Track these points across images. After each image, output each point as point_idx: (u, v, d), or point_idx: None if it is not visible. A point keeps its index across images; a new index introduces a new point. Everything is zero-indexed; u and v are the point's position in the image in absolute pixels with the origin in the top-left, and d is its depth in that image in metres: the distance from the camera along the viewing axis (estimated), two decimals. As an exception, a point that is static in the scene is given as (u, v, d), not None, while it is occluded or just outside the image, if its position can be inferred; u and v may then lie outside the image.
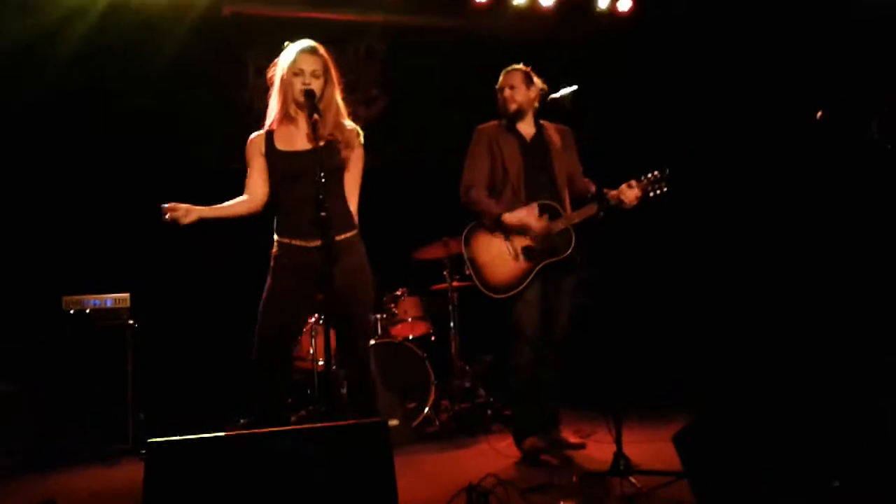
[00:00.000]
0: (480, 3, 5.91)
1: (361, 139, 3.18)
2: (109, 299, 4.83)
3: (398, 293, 5.05)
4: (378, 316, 4.97)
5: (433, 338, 5.11)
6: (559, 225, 3.71)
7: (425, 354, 4.75)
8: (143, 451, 2.09)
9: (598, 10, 6.07)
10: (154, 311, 5.01)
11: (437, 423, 4.71)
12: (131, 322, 4.81)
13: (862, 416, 1.99)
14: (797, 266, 5.02)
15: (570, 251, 3.70)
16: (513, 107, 3.86)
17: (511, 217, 3.69)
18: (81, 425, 4.58)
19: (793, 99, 4.86)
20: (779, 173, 5.19)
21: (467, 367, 5.09)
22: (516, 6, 5.95)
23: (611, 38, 6.04)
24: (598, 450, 3.68)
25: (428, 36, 6.14)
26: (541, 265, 3.70)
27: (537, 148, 3.87)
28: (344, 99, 3.18)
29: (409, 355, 4.72)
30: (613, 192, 3.72)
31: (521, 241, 3.72)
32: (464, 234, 3.87)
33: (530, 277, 3.69)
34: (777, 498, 2.09)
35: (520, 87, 3.86)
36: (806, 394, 2.16)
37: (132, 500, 2.93)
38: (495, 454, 3.91)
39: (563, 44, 5.80)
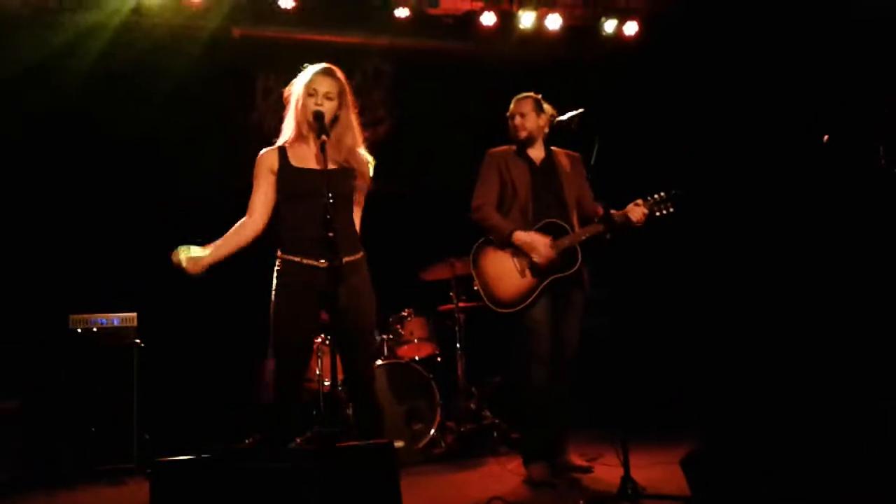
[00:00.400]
0: (487, 27, 5.95)
1: (372, 170, 3.20)
2: (116, 318, 4.84)
3: (404, 314, 5.05)
4: (384, 337, 4.96)
5: (439, 359, 5.10)
6: (565, 242, 3.75)
7: (431, 375, 4.73)
8: (149, 471, 2.08)
9: (604, 34, 6.12)
10: (161, 332, 5.02)
11: (443, 444, 4.68)
12: (138, 341, 4.82)
13: (867, 443, 1.98)
14: (804, 290, 5.01)
15: (576, 267, 3.73)
16: (523, 134, 3.93)
17: (522, 236, 3.75)
18: (86, 444, 4.58)
19: (798, 123, 4.87)
20: (785, 196, 5.19)
21: (473, 389, 5.08)
22: (523, 30, 6.00)
23: (617, 62, 6.08)
24: (605, 473, 3.66)
25: (434, 59, 6.19)
26: (547, 280, 3.73)
27: (546, 171, 3.94)
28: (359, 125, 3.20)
29: (415, 376, 4.71)
30: (620, 212, 3.79)
31: (527, 259, 3.77)
32: (472, 249, 3.93)
33: (536, 293, 3.73)
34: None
35: (530, 114, 3.93)
36: (813, 418, 2.15)
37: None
38: (501, 476, 3.88)
39: (570, 67, 5.84)
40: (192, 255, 3.00)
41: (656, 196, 3.80)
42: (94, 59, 5.27)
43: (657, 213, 3.78)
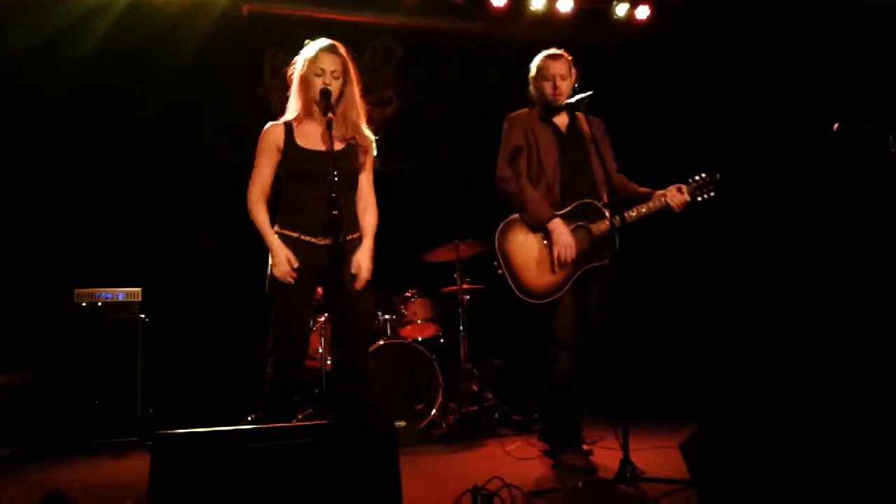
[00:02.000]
0: (498, 8, 5.92)
1: (374, 148, 3.20)
2: (121, 293, 4.86)
3: (408, 295, 5.05)
4: (387, 317, 4.97)
5: (442, 340, 5.11)
6: (602, 227, 3.48)
7: (434, 356, 4.74)
8: (150, 443, 2.10)
9: (615, 17, 6.07)
10: (165, 306, 5.05)
11: (444, 425, 4.70)
12: (142, 316, 4.84)
13: (868, 423, 1.98)
14: (807, 274, 4.99)
15: (612, 257, 3.45)
16: (561, 99, 3.57)
17: (557, 229, 3.45)
18: (90, 417, 4.62)
19: (808, 111, 4.83)
20: (794, 184, 5.16)
21: (475, 370, 5.09)
22: (534, 11, 5.96)
23: (628, 46, 6.03)
24: (604, 456, 3.67)
25: (445, 39, 6.16)
26: (581, 271, 3.50)
27: (573, 140, 3.62)
28: (362, 100, 3.19)
29: (417, 357, 4.72)
30: (660, 193, 3.56)
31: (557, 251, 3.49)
32: (498, 228, 3.58)
33: (569, 285, 3.48)
34: (784, 508, 2.07)
35: (568, 77, 3.61)
36: (814, 402, 2.15)
37: (138, 490, 2.95)
38: (502, 457, 3.90)
39: (580, 50, 5.79)
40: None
41: (699, 179, 3.54)
42: (101, 37, 5.25)
43: (699, 198, 3.53)
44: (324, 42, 3.09)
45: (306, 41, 3.14)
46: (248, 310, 4.98)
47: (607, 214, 3.48)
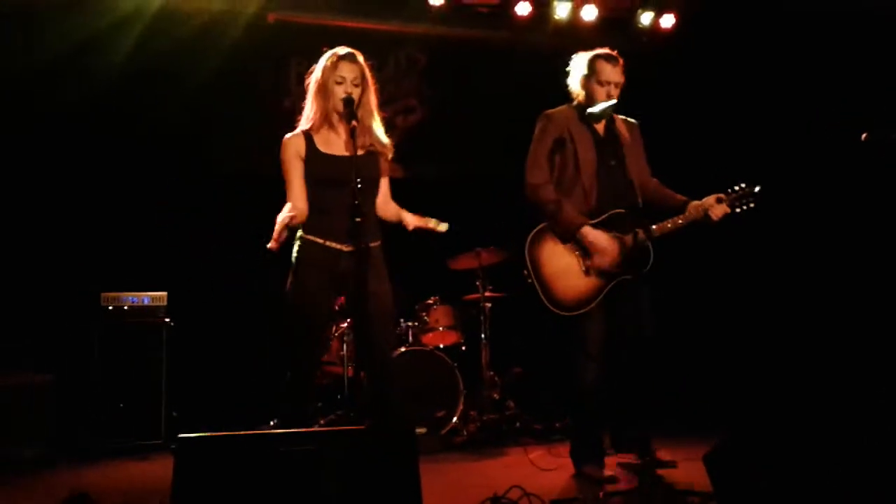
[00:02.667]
0: (522, 17, 5.92)
1: (391, 154, 3.23)
2: (147, 297, 4.92)
3: (430, 302, 5.06)
4: (409, 324, 4.98)
5: (464, 347, 5.11)
6: (639, 238, 3.33)
7: (455, 364, 4.74)
8: (174, 446, 2.12)
9: (640, 26, 6.05)
10: (190, 310, 5.10)
11: (465, 432, 4.69)
12: (167, 320, 4.90)
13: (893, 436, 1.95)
14: (832, 286, 4.93)
15: (647, 269, 3.36)
16: (603, 101, 3.45)
17: (592, 235, 3.36)
18: (115, 420, 4.67)
19: (837, 117, 4.78)
20: (822, 193, 5.10)
21: (497, 379, 5.08)
22: (558, 20, 5.94)
23: (653, 54, 6.01)
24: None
25: (468, 48, 6.18)
26: (614, 282, 3.40)
27: (610, 144, 3.48)
28: (380, 107, 3.22)
29: (439, 364, 4.72)
30: (696, 203, 3.47)
31: (591, 258, 3.42)
32: (528, 238, 3.49)
33: (601, 296, 3.38)
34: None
35: (622, 83, 3.50)
36: (838, 415, 2.12)
37: (161, 493, 2.97)
38: (523, 466, 3.89)
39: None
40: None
41: (738, 189, 3.44)
42: (130, 45, 5.33)
43: (737, 210, 3.44)
44: (342, 50, 3.11)
45: (324, 48, 3.16)
46: (271, 315, 5.04)
47: (642, 226, 3.34)
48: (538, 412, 4.95)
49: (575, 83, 3.56)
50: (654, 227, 3.41)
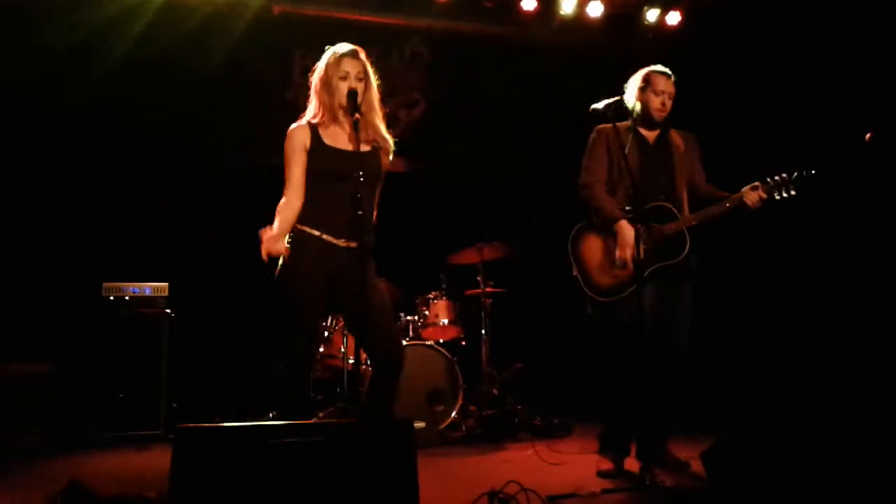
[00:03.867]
0: (527, 12, 5.91)
1: (392, 151, 3.22)
2: (148, 288, 4.93)
3: (431, 296, 5.06)
4: (410, 318, 4.98)
5: (464, 342, 5.11)
6: (672, 227, 3.54)
7: (455, 358, 4.75)
8: (171, 436, 2.13)
9: (646, 22, 6.03)
10: (191, 302, 5.10)
11: (464, 427, 4.70)
12: (168, 311, 4.90)
13: (889, 436, 1.95)
14: (832, 286, 4.92)
15: (682, 256, 3.51)
16: (662, 115, 3.71)
17: (623, 230, 3.53)
18: (115, 410, 4.68)
19: (842, 115, 4.77)
20: (826, 193, 5.08)
21: (496, 374, 5.08)
22: (563, 16, 5.93)
23: (658, 51, 5.98)
24: (624, 463, 3.64)
25: (473, 42, 6.17)
26: (648, 271, 3.52)
27: (659, 150, 3.72)
28: (384, 100, 3.21)
29: (438, 359, 4.72)
30: (735, 196, 3.59)
31: (617, 249, 3.58)
32: (572, 233, 3.76)
33: (633, 286, 3.44)
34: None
35: (673, 95, 3.74)
36: (833, 414, 2.12)
37: (160, 483, 2.98)
38: (521, 461, 3.89)
39: (609, 55, 5.77)
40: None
41: (777, 178, 3.54)
42: (133, 39, 5.33)
43: (777, 197, 3.52)
44: (345, 47, 3.12)
45: (331, 44, 3.16)
46: (272, 307, 5.05)
47: (679, 217, 3.57)
48: (537, 408, 4.96)
49: (631, 97, 3.77)
50: (692, 214, 3.60)
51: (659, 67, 3.78)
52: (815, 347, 4.77)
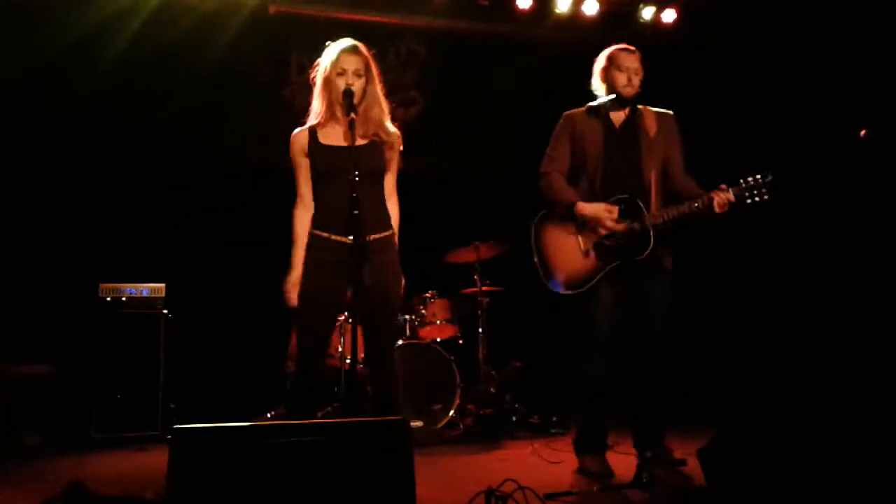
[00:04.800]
0: (523, 10, 5.91)
1: (401, 143, 3.22)
2: (145, 288, 4.93)
3: (428, 295, 5.07)
4: (407, 317, 4.99)
5: (461, 341, 5.12)
6: (636, 225, 3.36)
7: (452, 357, 4.75)
8: (169, 437, 2.13)
9: (641, 20, 6.04)
10: (188, 302, 5.10)
11: (461, 426, 4.71)
12: (165, 311, 4.90)
13: (884, 431, 1.96)
14: (827, 281, 4.93)
15: (644, 254, 3.32)
16: (630, 93, 3.50)
17: (586, 208, 3.40)
18: (113, 411, 4.68)
19: (837, 111, 4.77)
20: (821, 189, 5.10)
21: (494, 372, 5.09)
22: (559, 14, 5.94)
23: (654, 49, 5.98)
24: (621, 461, 3.65)
25: (469, 41, 6.17)
26: (611, 266, 3.40)
27: (626, 136, 3.51)
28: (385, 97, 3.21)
29: (435, 357, 4.73)
30: (702, 198, 3.37)
31: (592, 237, 3.44)
32: (534, 222, 3.61)
33: (598, 277, 3.39)
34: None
35: (640, 73, 3.56)
36: (830, 410, 2.13)
37: (157, 484, 2.98)
38: (518, 459, 3.90)
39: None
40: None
41: (750, 180, 3.33)
42: (130, 38, 5.32)
43: (749, 201, 3.33)
44: (345, 42, 3.11)
45: (329, 42, 3.16)
46: (270, 308, 5.05)
47: (644, 212, 3.36)
48: (535, 406, 4.96)
49: (596, 79, 3.64)
50: (658, 212, 3.41)
51: (621, 45, 3.61)
52: (813, 343, 4.78)
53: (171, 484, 2.09)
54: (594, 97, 3.65)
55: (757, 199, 3.33)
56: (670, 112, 3.68)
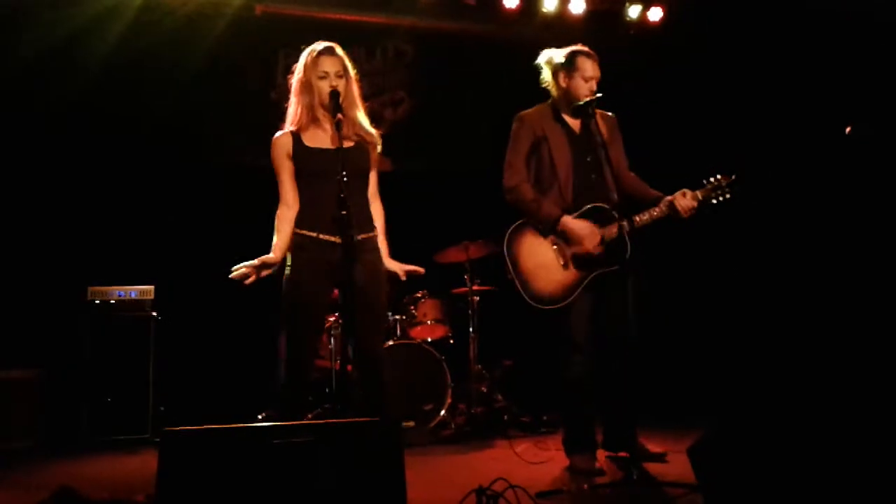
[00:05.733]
0: (510, 10, 5.92)
1: (380, 143, 3.22)
2: (134, 291, 4.91)
3: (418, 295, 5.07)
4: (397, 317, 4.99)
5: (452, 341, 5.12)
6: (612, 231, 3.38)
7: (443, 357, 4.75)
8: (158, 440, 2.12)
9: (628, 18, 6.06)
10: (177, 304, 5.09)
11: (453, 426, 4.71)
12: (154, 314, 4.89)
13: (877, 427, 1.97)
14: (817, 278, 4.96)
15: (625, 261, 3.35)
16: (587, 97, 3.45)
17: (570, 224, 3.39)
18: (102, 414, 4.66)
19: (823, 108, 4.81)
20: (806, 186, 5.13)
21: (485, 372, 5.10)
22: (545, 13, 5.95)
23: (641, 48, 6.02)
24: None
25: (456, 40, 6.18)
26: (593, 275, 3.42)
27: (586, 141, 3.49)
28: (368, 99, 3.21)
29: (426, 357, 4.73)
30: (669, 198, 3.46)
31: (572, 248, 3.44)
32: (507, 234, 3.52)
33: (580, 289, 3.40)
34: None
35: (598, 76, 3.50)
36: (822, 407, 2.14)
37: (147, 487, 2.97)
38: (510, 459, 3.90)
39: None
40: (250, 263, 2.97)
41: (713, 180, 3.40)
42: (115, 38, 5.30)
43: (713, 201, 3.40)
44: (321, 45, 3.11)
45: (303, 46, 3.16)
46: (260, 309, 5.04)
47: (617, 218, 3.39)
48: (526, 405, 4.97)
49: (552, 79, 3.58)
50: (635, 217, 3.45)
51: (584, 49, 3.55)
52: (803, 339, 4.81)
53: (162, 487, 2.08)
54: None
55: (721, 198, 3.40)
56: (612, 114, 3.69)
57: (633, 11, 6.03)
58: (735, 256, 5.53)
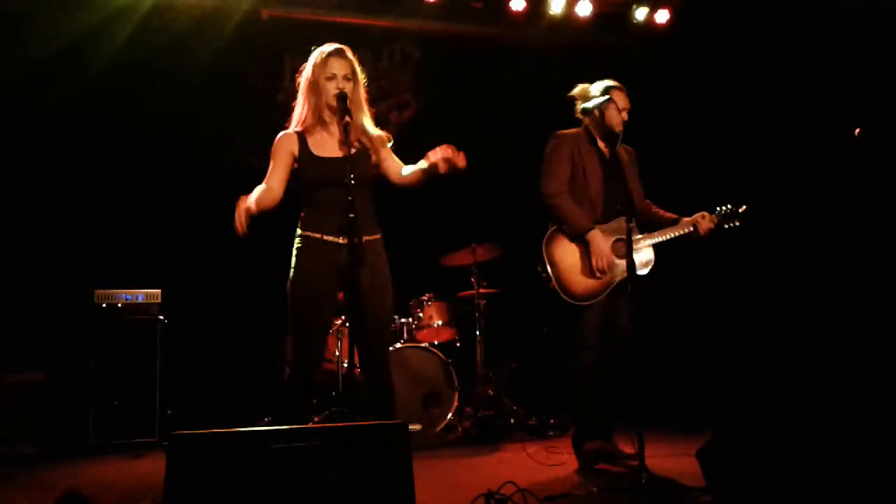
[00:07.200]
0: (516, 12, 5.91)
1: (389, 139, 3.21)
2: (141, 294, 4.92)
3: (424, 298, 5.06)
4: (404, 320, 4.98)
5: (458, 344, 5.11)
6: (641, 243, 3.73)
7: (450, 360, 4.75)
8: (166, 443, 2.12)
9: (635, 21, 6.05)
10: (184, 308, 5.09)
11: (460, 429, 4.70)
12: (161, 317, 4.89)
13: (883, 430, 1.96)
14: (824, 282, 4.94)
15: (648, 270, 3.72)
16: (620, 129, 3.77)
17: (595, 241, 3.66)
18: (109, 417, 4.67)
19: (831, 111, 4.78)
20: (815, 189, 5.11)
21: (492, 375, 5.08)
22: (552, 16, 5.94)
23: (647, 50, 6.01)
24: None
25: (463, 43, 6.17)
26: (619, 280, 3.68)
27: (615, 164, 3.79)
28: (375, 102, 3.20)
29: (433, 361, 4.72)
30: (687, 220, 3.80)
31: (592, 258, 3.70)
32: (545, 236, 3.81)
33: (608, 290, 3.69)
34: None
35: (629, 107, 3.84)
36: (829, 410, 2.13)
37: (154, 491, 2.97)
38: (517, 462, 3.89)
39: (599, 55, 5.78)
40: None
41: (723, 209, 3.78)
42: (122, 42, 5.31)
43: (725, 227, 3.77)
44: (331, 46, 3.10)
45: (314, 46, 3.15)
46: (266, 312, 5.04)
47: (640, 234, 3.74)
48: (533, 408, 4.96)
49: (595, 110, 3.78)
50: (655, 233, 3.82)
51: (616, 83, 3.87)
52: (811, 343, 4.79)
53: (169, 490, 2.08)
54: (586, 98, 3.82)
55: (731, 226, 3.78)
56: (632, 148, 4.03)
57: (640, 14, 6.01)
58: (746, 261, 5.50)
